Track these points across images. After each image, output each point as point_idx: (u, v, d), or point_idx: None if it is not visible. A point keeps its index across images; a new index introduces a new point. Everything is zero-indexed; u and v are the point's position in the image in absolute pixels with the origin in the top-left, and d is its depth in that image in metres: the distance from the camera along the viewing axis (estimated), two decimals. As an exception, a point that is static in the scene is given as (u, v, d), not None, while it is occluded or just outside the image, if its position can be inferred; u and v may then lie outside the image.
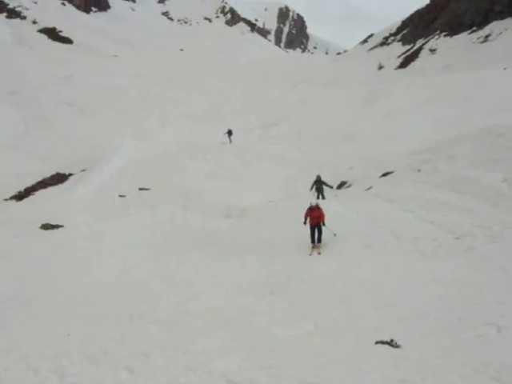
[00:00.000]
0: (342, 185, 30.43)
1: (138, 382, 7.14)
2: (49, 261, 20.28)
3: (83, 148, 43.02)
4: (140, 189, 32.96)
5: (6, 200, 33.17)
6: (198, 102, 60.16)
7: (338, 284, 14.05)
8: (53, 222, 26.36)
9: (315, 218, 19.12)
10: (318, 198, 26.30)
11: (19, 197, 33.70)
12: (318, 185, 27.41)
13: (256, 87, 67.02)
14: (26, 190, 34.83)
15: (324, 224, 19.10)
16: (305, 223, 19.48)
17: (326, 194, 27.13)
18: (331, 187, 27.93)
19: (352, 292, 12.95)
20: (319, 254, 18.38)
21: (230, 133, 45.72)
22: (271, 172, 34.57)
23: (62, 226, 26.07)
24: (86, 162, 38.73)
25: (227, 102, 60.23)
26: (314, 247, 18.95)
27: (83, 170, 37.56)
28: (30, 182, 35.89)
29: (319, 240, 19.19)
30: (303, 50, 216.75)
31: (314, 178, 27.86)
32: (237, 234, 22.74)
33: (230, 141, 45.35)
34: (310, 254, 18.43)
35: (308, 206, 19.61)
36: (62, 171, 38.16)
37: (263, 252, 19.46)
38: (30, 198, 33.25)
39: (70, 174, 37.55)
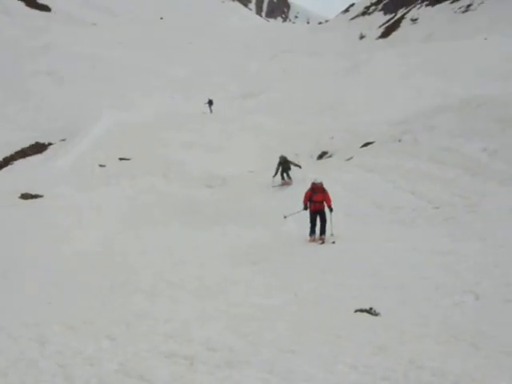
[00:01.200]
0: (322, 155, 30.48)
1: (119, 349, 7.16)
2: (28, 231, 20.18)
3: (63, 117, 42.57)
4: (120, 159, 32.72)
5: (-16, 170, 32.86)
6: (178, 71, 59.68)
7: (319, 254, 14.18)
8: (32, 192, 26.20)
9: (318, 203, 15.86)
10: (283, 178, 24.69)
11: (-2, 166, 33.39)
12: (285, 166, 24.61)
13: (237, 57, 66.56)
14: (4, 159, 34.46)
15: (331, 209, 15.72)
16: (305, 208, 16.24)
17: (304, 164, 26.70)
18: (300, 167, 25.13)
19: (332, 262, 13.06)
20: (322, 243, 15.45)
21: (210, 103, 45.48)
22: (252, 142, 34.49)
23: (41, 196, 25.92)
24: (66, 132, 38.30)
25: (208, 71, 59.79)
26: (313, 240, 15.79)
27: (63, 140, 37.17)
28: (8, 152, 35.47)
29: (323, 231, 15.82)
30: (284, 20, 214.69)
31: (278, 160, 24.74)
32: (217, 204, 22.79)
33: (211, 111, 45.13)
34: (311, 241, 15.84)
35: (309, 186, 16.49)
36: (41, 141, 37.74)
37: (244, 221, 19.55)
38: (9, 167, 32.93)
39: (50, 144, 37.17)
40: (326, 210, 15.89)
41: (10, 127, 41.28)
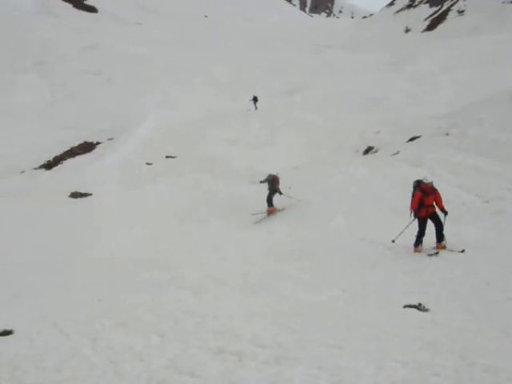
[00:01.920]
0: (368, 150, 30.22)
1: (168, 345, 7.24)
2: (77, 229, 20.54)
3: (109, 117, 43.20)
4: (166, 157, 33.12)
5: (35, 169, 33.57)
6: (222, 68, 59.89)
7: (366, 249, 14.05)
8: (81, 191, 26.74)
9: (430, 206, 13.20)
10: (269, 205, 22.14)
11: (48, 166, 34.10)
12: (272, 188, 22.29)
13: (281, 53, 66.43)
14: (54, 158, 35.21)
15: (446, 212, 13.15)
16: (416, 215, 13.32)
17: (349, 159, 26.48)
18: (280, 193, 22.32)
19: (379, 257, 12.95)
20: (437, 253, 12.60)
21: (255, 99, 45.46)
22: (296, 138, 34.38)
23: (90, 195, 26.41)
24: (113, 131, 38.92)
25: (252, 68, 59.82)
26: (419, 251, 13.12)
27: (110, 139, 37.77)
28: (58, 151, 36.21)
29: (440, 237, 13.11)
30: (328, 15, 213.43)
31: (266, 177, 22.67)
32: (262, 200, 22.75)
33: (256, 107, 45.13)
34: (417, 252, 13.10)
35: (413, 185, 13.71)
36: (89, 140, 38.45)
37: (289, 218, 19.49)
38: (59, 166, 33.63)
39: (98, 143, 37.85)
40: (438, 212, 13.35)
41: (59, 127, 42.08)
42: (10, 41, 65.50)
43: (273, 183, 22.28)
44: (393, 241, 13.79)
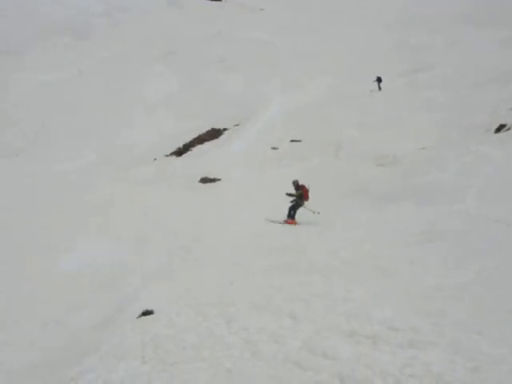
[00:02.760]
0: (500, 128, 28.92)
1: (301, 327, 7.38)
2: (208, 213, 21.21)
3: (235, 103, 44.00)
4: (291, 141, 33.34)
5: (166, 156, 34.91)
6: (343, 50, 59.30)
7: (500, 232, 13.56)
8: (211, 176, 27.57)
9: None
10: (289, 215, 19.84)
11: (178, 153, 35.38)
12: (298, 196, 19.85)
13: (404, 32, 64.74)
14: (184, 145, 36.45)
15: None
16: None
17: (480, 138, 25.45)
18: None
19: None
20: None
21: (379, 80, 44.62)
22: (423, 118, 33.49)
23: (219, 180, 27.16)
24: (239, 117, 39.67)
25: (373, 48, 58.79)
26: None
27: (236, 125, 38.52)
28: (187, 139, 37.42)
29: None
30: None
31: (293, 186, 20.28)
32: (390, 182, 22.45)
33: (380, 88, 44.33)
34: None
35: None
36: (216, 127, 39.41)
37: (418, 200, 19.06)
38: (188, 153, 34.80)
39: (225, 129, 38.73)
40: None
41: (187, 114, 43.38)
42: (143, 34, 68.29)
43: (302, 194, 19.74)
44: None
